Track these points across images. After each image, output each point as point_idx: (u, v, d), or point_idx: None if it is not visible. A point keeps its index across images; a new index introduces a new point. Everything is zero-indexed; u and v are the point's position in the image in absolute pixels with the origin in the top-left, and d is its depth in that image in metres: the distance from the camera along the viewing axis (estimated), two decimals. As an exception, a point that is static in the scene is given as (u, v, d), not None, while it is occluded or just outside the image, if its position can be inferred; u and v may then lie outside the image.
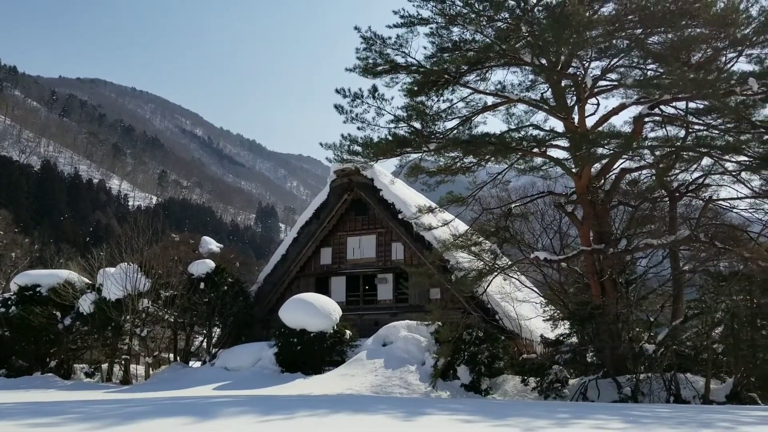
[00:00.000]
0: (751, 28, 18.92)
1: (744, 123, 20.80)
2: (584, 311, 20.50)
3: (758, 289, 19.80)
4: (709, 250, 21.83)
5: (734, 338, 19.79)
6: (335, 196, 30.35)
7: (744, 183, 22.05)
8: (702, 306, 21.06)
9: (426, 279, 23.79)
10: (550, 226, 25.35)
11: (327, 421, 9.00)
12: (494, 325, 24.46)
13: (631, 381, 18.77)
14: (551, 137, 21.14)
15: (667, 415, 10.19)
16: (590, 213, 21.77)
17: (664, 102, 20.80)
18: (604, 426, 8.58)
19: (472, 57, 20.98)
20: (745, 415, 10.29)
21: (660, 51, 19.85)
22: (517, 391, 21.09)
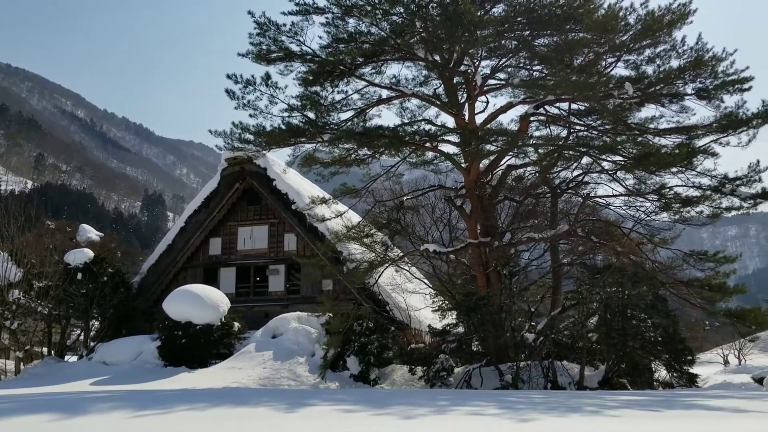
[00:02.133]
0: (629, 35, 20.13)
1: (620, 125, 22.14)
2: (470, 302, 21.17)
3: (629, 281, 21.18)
4: (586, 244, 23.17)
5: (607, 327, 21.08)
6: (226, 185, 29.55)
7: (619, 182, 23.53)
8: (578, 297, 22.30)
9: (318, 270, 23.73)
10: (440, 219, 25.95)
11: (205, 415, 8.74)
12: (385, 315, 24.75)
13: (512, 369, 19.56)
14: (443, 132, 21.59)
15: (540, 400, 10.69)
16: (478, 207, 22.46)
17: (548, 102, 21.77)
18: (480, 412, 8.86)
19: (368, 49, 21.02)
20: (611, 400, 10.97)
21: (546, 53, 20.70)
22: (404, 381, 21.47)
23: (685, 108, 21.11)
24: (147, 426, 7.66)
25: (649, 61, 20.74)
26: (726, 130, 20.31)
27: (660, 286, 22.53)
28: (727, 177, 21.04)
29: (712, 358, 56.17)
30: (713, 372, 44.14)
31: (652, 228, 24.07)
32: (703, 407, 9.65)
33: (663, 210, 23.38)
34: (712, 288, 22.67)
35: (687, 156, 20.81)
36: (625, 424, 7.42)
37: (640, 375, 21.23)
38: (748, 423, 7.48)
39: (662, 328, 21.17)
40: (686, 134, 21.19)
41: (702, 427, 6.93)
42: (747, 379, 34.96)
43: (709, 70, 19.96)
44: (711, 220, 23.30)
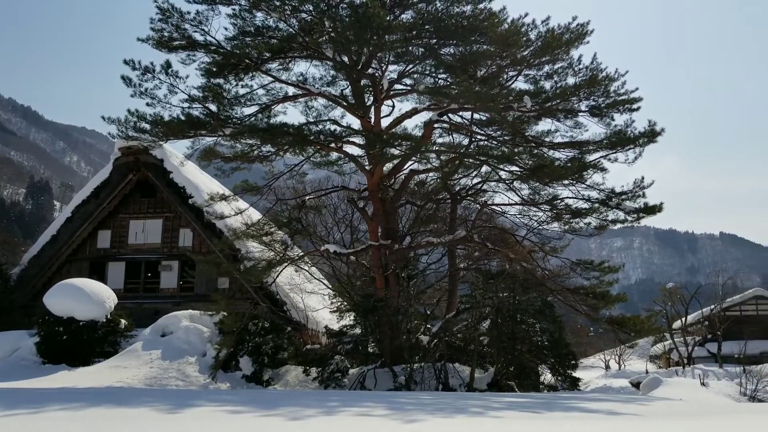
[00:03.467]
0: (530, 50, 20.86)
1: (519, 137, 22.96)
2: (368, 303, 21.27)
3: (520, 287, 22.00)
4: (482, 250, 23.86)
5: (498, 331, 21.77)
6: (119, 175, 28.15)
7: (515, 191, 24.39)
8: (472, 301, 22.97)
9: (214, 268, 23.06)
10: (342, 220, 25.97)
11: (80, 416, 8.24)
12: (282, 316, 24.42)
13: (406, 370, 19.79)
14: (348, 134, 21.57)
15: (429, 402, 10.84)
16: (380, 210, 22.61)
17: (452, 110, 22.25)
18: (369, 413, 8.87)
19: (275, 45, 20.67)
20: (496, 402, 11.29)
21: (451, 62, 21.14)
22: (299, 382, 21.26)
23: (579, 124, 22.15)
24: (13, 427, 7.12)
25: (547, 76, 21.59)
26: (615, 147, 21.45)
27: (549, 292, 23.56)
28: (614, 191, 22.27)
29: (595, 363, 59.46)
30: (595, 376, 46.63)
31: (544, 237, 25.12)
32: (580, 409, 10.10)
33: (554, 220, 24.45)
34: (596, 296, 23.92)
35: (578, 170, 21.87)
36: (505, 425, 7.63)
37: (527, 377, 22.05)
38: (617, 424, 7.89)
39: (549, 333, 22.14)
40: (579, 149, 22.23)
41: (574, 428, 7.24)
42: (625, 384, 37.20)
43: (602, 89, 21.01)
44: (598, 232, 24.60)
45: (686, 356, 48.11)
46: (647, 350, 62.17)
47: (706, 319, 49.81)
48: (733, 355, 42.45)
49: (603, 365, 59.36)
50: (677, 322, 50.68)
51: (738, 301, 51.85)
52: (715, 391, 27.78)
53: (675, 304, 51.31)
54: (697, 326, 51.17)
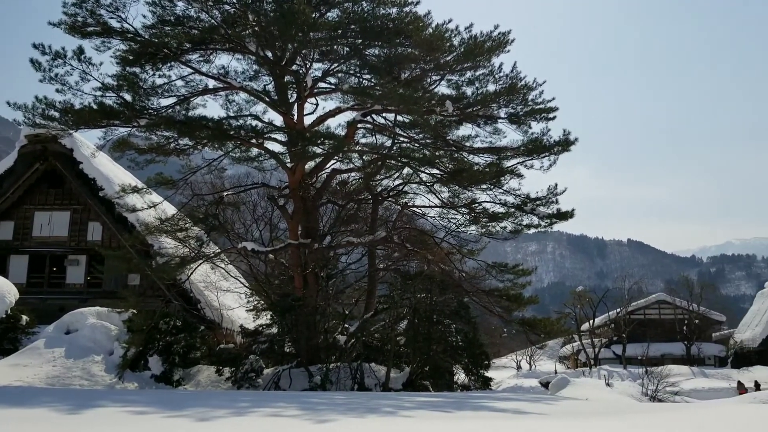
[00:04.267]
0: (453, 56, 21.18)
1: (440, 140, 23.30)
2: (286, 303, 21.03)
3: (437, 288, 22.31)
4: (401, 251, 24.08)
5: (414, 332, 22.00)
6: (24, 164, 26.60)
7: (435, 194, 24.76)
8: (390, 301, 23.12)
9: (125, 263, 22.19)
10: (261, 217, 25.55)
11: (-32, 417, 7.73)
12: (195, 314, 23.78)
13: (322, 370, 19.67)
14: (270, 130, 21.30)
15: (342, 401, 10.82)
16: (300, 208, 22.41)
17: (375, 111, 22.32)
18: (280, 414, 8.75)
19: (196, 36, 20.13)
20: (409, 401, 11.39)
21: (376, 63, 21.23)
22: (211, 382, 20.76)
23: (498, 130, 22.68)
24: None
25: (469, 82, 22.00)
26: (531, 154, 22.12)
27: (465, 294, 24.04)
28: (529, 197, 22.97)
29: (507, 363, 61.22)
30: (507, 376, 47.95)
31: (462, 239, 25.62)
32: (489, 408, 10.33)
33: (472, 223, 25.00)
34: (510, 298, 24.59)
35: (496, 175, 22.44)
36: (414, 425, 7.70)
37: (442, 377, 22.39)
38: (522, 423, 8.11)
39: (464, 334, 22.56)
40: (497, 154, 22.78)
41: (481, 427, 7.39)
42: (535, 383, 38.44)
43: (520, 97, 21.59)
44: (513, 236, 25.31)
45: (593, 357, 50.20)
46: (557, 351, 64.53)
47: (613, 321, 52.14)
48: (637, 356, 44.69)
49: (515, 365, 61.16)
50: (585, 324, 52.81)
51: (642, 305, 54.54)
52: (619, 391, 29.07)
53: (584, 307, 53.47)
54: (604, 328, 53.49)
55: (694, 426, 7.75)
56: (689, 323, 49.80)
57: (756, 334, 47.59)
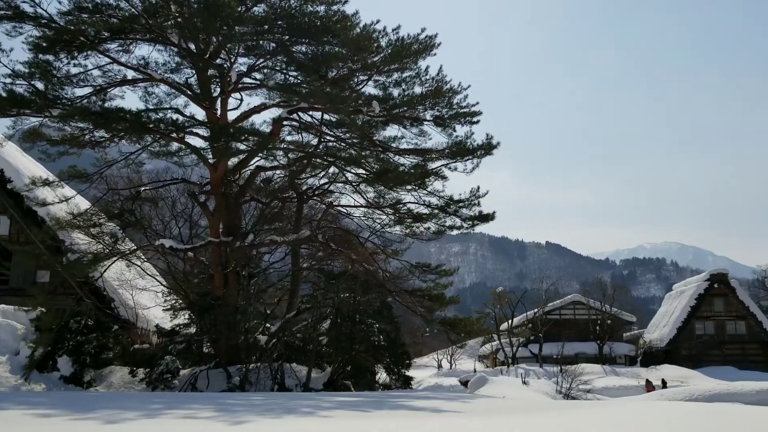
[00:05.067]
0: (380, 57, 21.25)
1: (366, 140, 23.35)
2: (205, 302, 20.56)
3: (361, 288, 22.34)
4: (325, 251, 23.97)
5: (337, 331, 21.94)
6: None
7: (361, 194, 24.80)
8: (313, 301, 22.96)
9: (33, 259, 21.20)
10: (180, 214, 24.84)
11: None
12: (109, 313, 22.85)
13: (241, 371, 19.32)
14: (191, 124, 20.73)
15: (259, 402, 10.63)
16: (222, 205, 21.95)
17: (302, 109, 22.13)
18: (194, 415, 8.50)
19: (115, 25, 19.37)
20: (328, 401, 11.31)
21: (303, 61, 21.05)
22: (124, 383, 20.00)
23: (424, 132, 22.95)
24: None
25: (396, 84, 22.13)
26: (455, 157, 22.50)
27: (388, 294, 24.19)
28: (453, 199, 23.36)
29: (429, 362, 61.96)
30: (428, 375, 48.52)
31: (386, 239, 25.79)
32: (407, 407, 10.40)
33: (397, 223, 25.19)
34: (432, 298, 24.95)
35: (421, 176, 22.69)
36: (331, 424, 7.65)
37: (363, 377, 22.42)
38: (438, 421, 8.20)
39: (386, 333, 22.68)
40: (422, 156, 23.05)
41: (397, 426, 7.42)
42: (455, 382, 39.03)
43: (446, 100, 21.90)
44: (437, 236, 25.70)
45: (511, 356, 51.52)
46: (477, 350, 65.85)
47: (530, 321, 53.66)
48: (552, 355, 46.07)
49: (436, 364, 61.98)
50: (505, 324, 54.13)
51: (558, 306, 56.41)
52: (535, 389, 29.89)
53: (503, 307, 54.81)
54: (522, 328, 54.96)
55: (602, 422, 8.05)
56: (602, 323, 51.86)
57: (664, 334, 50.08)
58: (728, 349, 48.62)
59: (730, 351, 48.53)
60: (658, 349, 49.91)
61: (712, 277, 50.91)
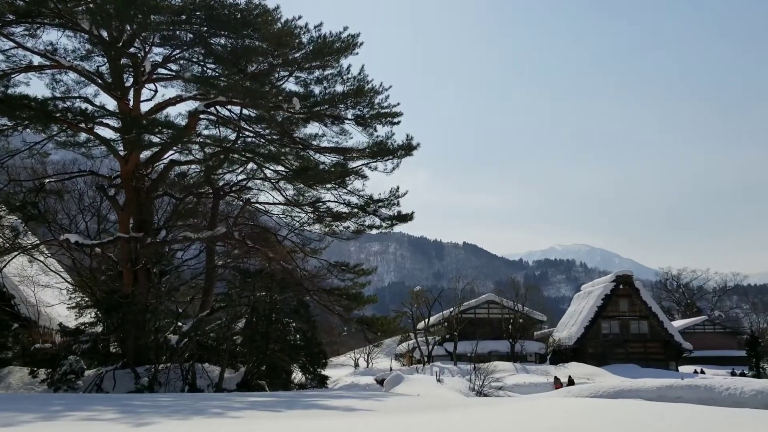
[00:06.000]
0: (302, 53, 21.07)
1: (286, 137, 23.08)
2: (113, 300, 19.77)
3: (278, 286, 22.07)
4: (242, 248, 23.51)
5: (252, 331, 21.60)
6: None
7: (280, 191, 24.51)
8: (228, 300, 22.49)
9: None
10: (88, 208, 23.69)
11: None
12: (8, 311, 21.63)
13: (150, 371, 18.69)
14: (101, 114, 19.88)
15: (167, 403, 10.31)
16: (133, 199, 21.17)
17: (220, 103, 21.62)
18: (96, 417, 8.14)
19: (21, 8, 18.30)
20: (239, 402, 11.10)
21: (221, 53, 20.56)
22: (24, 384, 18.97)
23: (345, 131, 22.92)
24: None
25: (317, 81, 22.00)
26: (376, 157, 22.60)
27: (305, 292, 24.02)
28: (372, 198, 23.47)
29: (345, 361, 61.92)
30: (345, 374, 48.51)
31: (305, 238, 25.61)
32: (320, 407, 10.35)
33: (316, 222, 25.08)
34: (350, 297, 24.99)
35: (341, 175, 22.68)
36: (240, 425, 7.50)
37: (278, 376, 22.19)
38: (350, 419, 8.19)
39: (302, 333, 22.52)
40: (343, 155, 23.02)
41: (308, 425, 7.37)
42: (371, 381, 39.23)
43: (367, 100, 21.96)
44: (356, 236, 25.76)
45: (427, 354, 52.25)
46: (394, 349, 66.40)
47: (446, 320, 54.58)
48: (467, 353, 47.02)
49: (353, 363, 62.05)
50: (421, 323, 54.84)
51: (473, 305, 57.63)
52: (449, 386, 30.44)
53: (420, 306, 55.49)
54: (438, 327, 55.81)
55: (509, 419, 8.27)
56: (514, 322, 53.37)
57: (572, 333, 52.05)
58: (632, 348, 51.04)
59: (634, 349, 50.96)
60: (566, 348, 51.82)
61: (618, 278, 53.30)
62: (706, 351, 62.09)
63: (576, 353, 50.55)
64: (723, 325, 73.24)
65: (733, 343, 67.10)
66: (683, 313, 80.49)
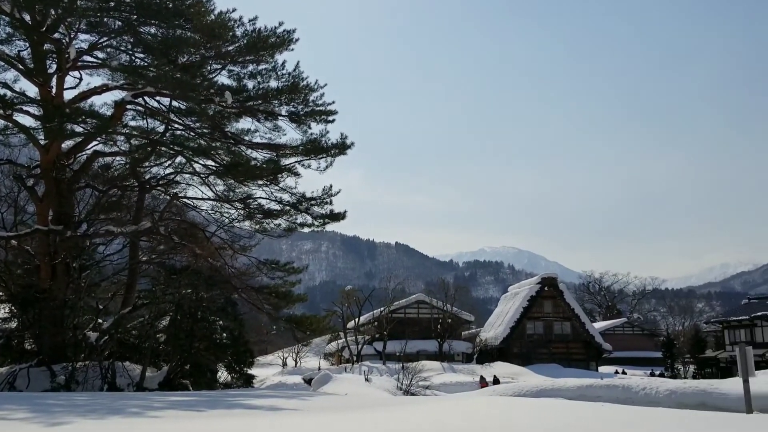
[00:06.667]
0: (235, 47, 20.71)
1: (218, 132, 22.63)
2: (28, 294, 18.92)
3: (204, 283, 21.60)
4: (168, 244, 22.90)
5: (176, 328, 21.08)
6: None
7: (210, 186, 23.98)
8: (152, 296, 21.87)
9: None
10: (4, 198, 22.49)
11: None
12: None
13: (67, 369, 17.97)
14: (21, 101, 18.93)
15: (83, 402, 9.94)
16: (53, 191, 20.28)
17: (148, 94, 20.99)
18: (6, 417, 7.76)
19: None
20: (160, 401, 10.82)
21: (151, 43, 19.95)
22: (-74, 385, 17.86)
23: (278, 127, 22.65)
24: None
25: (251, 76, 21.66)
26: (309, 154, 22.45)
27: (233, 290, 23.61)
28: (305, 196, 23.31)
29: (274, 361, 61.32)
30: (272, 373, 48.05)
31: (235, 234, 25.17)
32: (244, 406, 10.20)
33: (246, 219, 24.68)
34: (279, 295, 24.73)
35: (273, 171, 22.42)
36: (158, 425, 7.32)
37: (203, 375, 21.75)
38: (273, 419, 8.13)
39: (229, 331, 22.14)
40: (276, 152, 22.77)
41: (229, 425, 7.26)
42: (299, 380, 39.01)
43: (302, 97, 21.79)
44: (287, 233, 25.51)
45: (356, 354, 52.34)
46: (323, 348, 66.21)
47: (376, 320, 54.83)
48: (396, 353, 47.33)
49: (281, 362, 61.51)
50: (351, 322, 54.90)
51: (404, 305, 58.10)
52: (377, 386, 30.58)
53: (351, 306, 55.54)
54: (368, 326, 56.03)
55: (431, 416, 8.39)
56: (443, 322, 54.12)
57: (498, 333, 53.22)
58: (555, 348, 52.61)
59: (557, 349, 52.54)
60: (492, 347, 52.93)
61: (543, 280, 54.86)
62: (625, 352, 64.79)
63: (502, 353, 51.70)
64: (641, 327, 76.62)
65: (651, 344, 70.28)
66: (604, 315, 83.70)
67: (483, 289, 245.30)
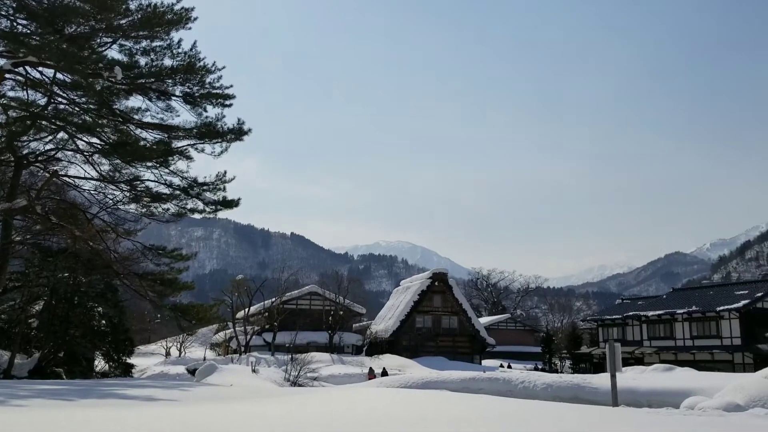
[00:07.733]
0: (128, 20, 19.70)
1: (105, 108, 21.47)
2: None
3: (83, 267, 20.55)
4: (44, 224, 21.54)
5: (50, 314, 19.93)
6: None
7: (94, 165, 22.72)
8: (25, 279, 20.54)
9: None
10: None
11: None
12: None
13: None
14: None
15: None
16: None
17: (30, 63, 19.60)
18: None
19: None
20: (27, 389, 10.20)
21: (36, 9, 18.65)
22: None
23: (171, 108, 21.79)
24: None
25: (144, 52, 20.70)
26: (204, 138, 21.78)
27: (115, 276, 22.56)
28: (197, 181, 22.59)
29: (156, 350, 59.23)
30: (154, 363, 46.41)
31: (119, 217, 24.01)
32: (118, 396, 9.79)
33: (132, 201, 23.60)
34: (164, 282, 23.85)
35: (164, 153, 21.57)
36: (20, 414, 6.87)
37: (78, 364, 20.74)
38: (147, 410, 7.83)
39: (108, 318, 21.19)
40: (167, 133, 21.92)
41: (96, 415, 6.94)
42: (182, 370, 37.89)
43: (198, 78, 21.08)
44: (176, 219, 24.59)
45: (245, 344, 51.49)
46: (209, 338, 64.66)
47: (267, 310, 54.18)
48: (285, 344, 47.00)
49: (164, 352, 59.54)
50: (241, 312, 53.94)
51: (296, 296, 57.78)
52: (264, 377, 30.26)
53: (242, 295, 54.55)
54: (259, 317, 55.27)
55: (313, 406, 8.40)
56: (335, 314, 54.32)
57: (389, 326, 54.04)
58: (442, 341, 54.08)
59: (444, 343, 54.04)
60: (382, 340, 53.69)
61: (434, 275, 56.23)
62: (508, 346, 67.63)
63: (391, 345, 52.55)
64: (523, 323, 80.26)
65: (532, 339, 73.79)
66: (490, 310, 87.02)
67: (376, 283, 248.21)
